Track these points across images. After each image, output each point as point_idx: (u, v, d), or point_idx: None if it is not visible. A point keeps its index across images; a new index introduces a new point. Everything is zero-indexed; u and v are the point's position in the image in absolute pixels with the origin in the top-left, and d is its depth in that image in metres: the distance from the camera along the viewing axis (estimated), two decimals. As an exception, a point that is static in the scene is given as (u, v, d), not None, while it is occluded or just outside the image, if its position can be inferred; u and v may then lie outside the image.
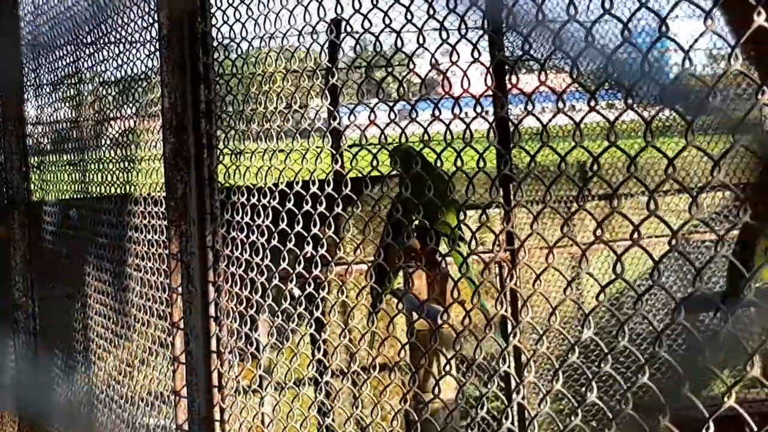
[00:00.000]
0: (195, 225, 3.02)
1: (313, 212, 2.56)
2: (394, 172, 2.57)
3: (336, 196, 2.48)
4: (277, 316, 2.67)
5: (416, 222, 2.36)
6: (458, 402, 2.34)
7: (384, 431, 2.38)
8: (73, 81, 4.93)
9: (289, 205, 2.64)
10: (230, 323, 2.92)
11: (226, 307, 2.94)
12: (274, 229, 2.70)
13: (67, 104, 5.18)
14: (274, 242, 2.69)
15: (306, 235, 2.56)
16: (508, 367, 2.37)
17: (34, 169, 5.67)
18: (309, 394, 2.77)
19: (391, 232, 2.43)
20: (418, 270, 5.42)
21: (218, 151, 3.01)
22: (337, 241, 2.44)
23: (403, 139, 2.34)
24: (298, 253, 2.59)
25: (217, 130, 3.02)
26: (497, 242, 2.23)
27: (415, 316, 5.80)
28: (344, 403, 2.63)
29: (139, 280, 3.65)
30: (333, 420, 2.68)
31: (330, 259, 2.51)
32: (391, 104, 2.27)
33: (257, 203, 2.78)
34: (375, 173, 2.39)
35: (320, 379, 2.64)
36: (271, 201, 2.73)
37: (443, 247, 5.43)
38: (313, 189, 2.58)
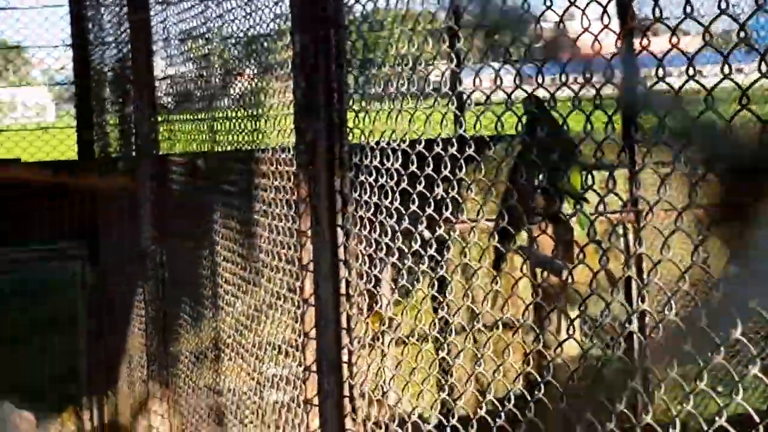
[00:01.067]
0: (324, 169, 3.05)
1: (435, 174, 2.57)
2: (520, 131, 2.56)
3: (459, 156, 2.49)
4: (407, 259, 2.69)
5: (541, 181, 2.35)
6: (582, 362, 2.34)
7: (505, 390, 2.38)
8: (201, 32, 4.99)
9: (419, 148, 2.65)
10: (359, 266, 2.95)
11: (354, 251, 2.97)
12: (403, 172, 2.72)
13: (196, 56, 5.26)
14: (404, 185, 2.71)
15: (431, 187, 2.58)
16: (633, 329, 2.37)
17: (163, 122, 5.77)
18: (431, 350, 2.79)
19: (516, 189, 2.43)
20: (542, 229, 5.42)
21: (348, 96, 3.03)
22: (460, 201, 2.46)
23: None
24: (428, 195, 2.60)
25: (347, 75, 3.04)
26: (623, 204, 2.21)
27: (539, 271, 5.79)
28: (465, 360, 2.65)
29: (267, 226, 3.70)
30: (453, 377, 2.70)
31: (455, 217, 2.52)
32: (517, 67, 2.26)
33: (386, 146, 2.80)
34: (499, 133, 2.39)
35: (440, 337, 2.66)
36: (401, 145, 2.75)
37: (568, 208, 5.41)
38: (437, 149, 2.59)
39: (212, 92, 4.92)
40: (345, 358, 3.01)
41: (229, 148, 4.44)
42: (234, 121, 4.40)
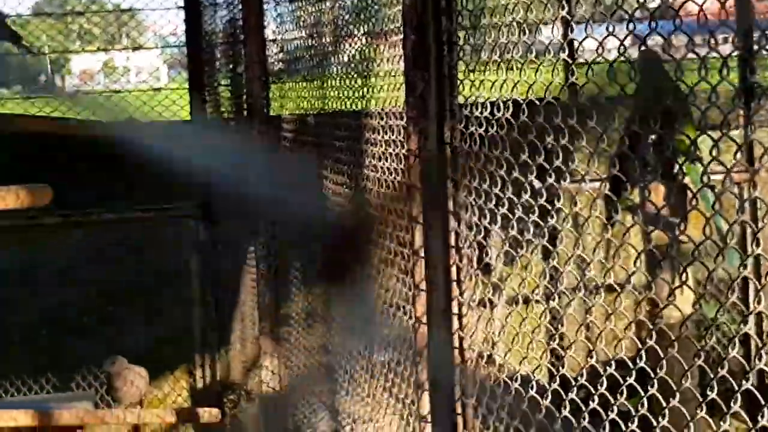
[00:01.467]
0: (434, 122, 3.05)
1: (547, 124, 2.55)
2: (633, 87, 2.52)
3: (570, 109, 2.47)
4: (516, 209, 2.68)
5: (654, 139, 2.33)
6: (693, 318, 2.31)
7: (615, 352, 2.36)
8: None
9: (530, 97, 2.64)
10: (468, 217, 2.95)
11: (464, 202, 2.97)
12: (514, 122, 2.71)
13: (306, 15, 5.28)
14: (514, 134, 2.70)
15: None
16: (746, 289, 2.34)
17: (273, 82, 5.81)
18: (541, 302, 2.78)
19: (628, 142, 2.41)
20: (654, 183, 5.36)
21: (458, 48, 3.02)
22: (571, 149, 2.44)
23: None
24: (538, 144, 2.59)
25: (457, 28, 3.03)
26: (736, 162, 2.17)
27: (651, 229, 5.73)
28: (573, 322, 2.63)
29: (377, 181, 3.72)
30: (562, 338, 2.69)
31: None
32: (630, 27, 2.23)
33: (497, 98, 2.79)
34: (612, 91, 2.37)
35: (548, 298, 2.65)
36: (511, 96, 2.74)
37: (683, 167, 5.34)
38: (548, 98, 2.57)
39: (322, 51, 4.95)
40: (455, 309, 3.02)
41: (339, 106, 4.46)
42: (344, 77, 4.42)
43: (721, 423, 2.02)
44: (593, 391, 2.37)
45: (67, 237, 8.72)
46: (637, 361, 2.25)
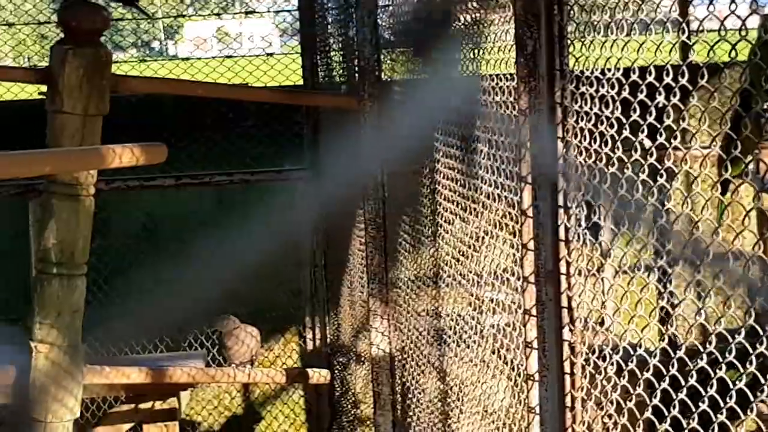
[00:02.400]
0: (544, 81, 3.05)
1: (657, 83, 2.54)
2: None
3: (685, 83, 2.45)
4: (627, 168, 2.68)
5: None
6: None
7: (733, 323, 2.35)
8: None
9: (641, 57, 2.63)
10: (578, 177, 2.95)
11: (573, 162, 2.97)
12: (624, 82, 2.70)
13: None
14: (625, 94, 2.69)
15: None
16: None
17: (385, 47, 5.83)
18: (650, 262, 2.76)
19: (743, 110, 2.38)
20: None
21: (569, 8, 3.01)
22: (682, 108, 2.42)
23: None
24: (649, 103, 2.57)
25: (567, -14, 3.02)
26: None
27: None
28: (686, 293, 2.62)
29: (487, 141, 3.72)
30: (674, 307, 2.68)
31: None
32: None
33: (608, 57, 2.78)
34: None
35: (658, 246, 2.63)
36: (622, 55, 2.72)
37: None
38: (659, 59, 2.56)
39: (431, 16, 4.95)
40: (563, 269, 3.02)
41: (450, 70, 4.46)
42: (455, 41, 4.42)
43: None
44: (701, 350, 2.37)
45: (181, 198, 8.87)
46: (746, 319, 2.24)
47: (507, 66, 3.50)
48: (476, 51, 3.98)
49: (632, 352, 2.71)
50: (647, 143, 2.58)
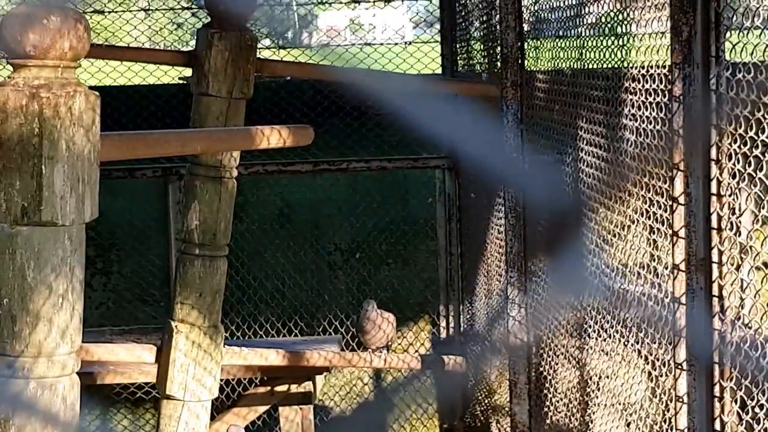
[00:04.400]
0: (699, 68, 3.01)
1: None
2: None
3: None
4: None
5: None
6: None
7: None
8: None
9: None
10: (732, 165, 2.91)
11: (728, 150, 2.92)
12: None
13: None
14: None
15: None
16: None
17: (528, 36, 5.81)
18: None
19: None
20: None
21: (726, -6, 2.97)
22: None
23: None
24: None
25: (725, -28, 2.98)
26: None
27: None
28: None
29: (635, 130, 3.68)
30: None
31: None
32: None
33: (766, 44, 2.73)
34: None
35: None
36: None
37: None
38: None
39: (579, 5, 4.91)
40: (715, 257, 2.98)
41: (597, 60, 4.43)
42: (604, 27, 4.39)
43: None
44: None
45: (318, 184, 8.94)
46: None
47: (658, 54, 3.46)
48: (625, 40, 3.94)
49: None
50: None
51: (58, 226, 3.02)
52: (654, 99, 3.43)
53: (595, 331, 4.37)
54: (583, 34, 4.69)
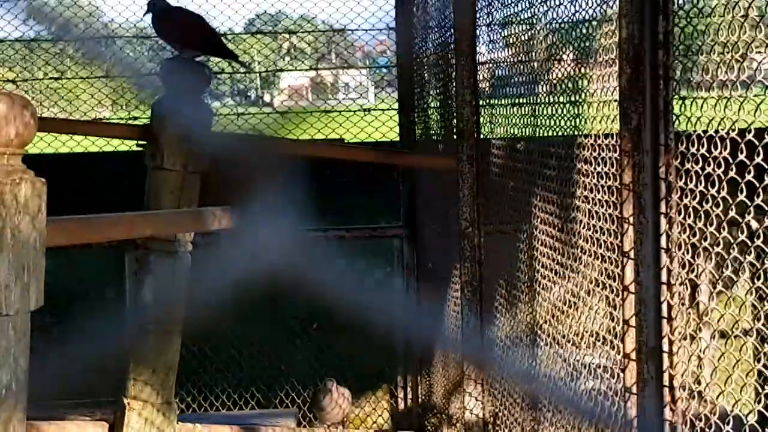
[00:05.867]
0: (648, 156, 3.02)
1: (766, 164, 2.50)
2: None
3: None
4: (732, 249, 2.63)
5: None
6: None
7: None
8: (525, 16, 5.00)
9: (749, 137, 2.58)
10: (682, 255, 2.90)
11: (677, 239, 2.92)
12: (731, 161, 2.65)
13: (518, 41, 5.27)
14: (732, 174, 2.64)
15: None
16: None
17: (484, 106, 5.82)
18: (755, 344, 2.71)
19: None
20: None
21: (674, 83, 2.98)
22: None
23: None
24: (757, 185, 2.53)
25: (674, 62, 2.99)
26: None
27: None
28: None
29: (587, 212, 3.68)
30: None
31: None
32: None
33: (714, 134, 2.74)
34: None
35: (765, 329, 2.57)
36: (729, 134, 2.68)
37: None
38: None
39: (533, 77, 4.93)
40: (665, 347, 2.97)
41: (549, 133, 4.44)
42: (555, 106, 4.40)
43: None
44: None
45: (275, 253, 8.90)
46: None
47: (611, 131, 3.46)
48: (577, 118, 3.95)
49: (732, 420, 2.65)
50: (754, 225, 2.53)
51: (2, 316, 2.97)
52: (605, 182, 3.44)
53: (548, 408, 4.35)
54: (536, 113, 4.71)
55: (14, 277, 2.98)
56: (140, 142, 6.87)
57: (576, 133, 4.01)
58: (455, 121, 6.07)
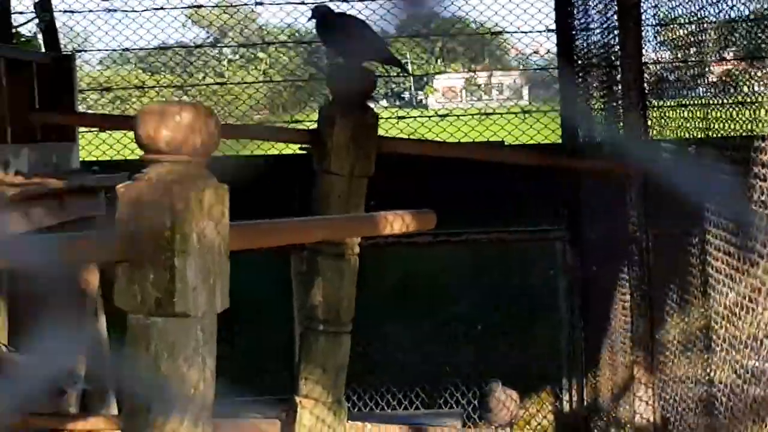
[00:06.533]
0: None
1: None
2: None
3: None
4: None
5: None
6: None
7: None
8: (691, 17, 4.95)
9: None
10: None
11: None
12: None
13: (687, 41, 5.22)
14: None
15: None
16: None
17: (652, 107, 5.77)
18: None
19: None
20: None
21: None
22: None
23: None
24: None
25: None
26: None
27: None
28: None
29: (766, 216, 3.63)
30: None
31: None
32: None
33: None
34: None
35: None
36: None
37: None
38: None
39: (704, 78, 4.88)
40: None
41: (722, 134, 4.39)
42: (728, 107, 4.35)
43: None
44: None
45: (437, 254, 8.96)
46: None
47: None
48: (753, 123, 3.90)
49: None
50: None
51: (191, 318, 3.06)
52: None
53: (727, 410, 4.29)
54: (708, 115, 4.65)
55: (201, 280, 3.07)
56: (304, 146, 6.99)
57: (752, 134, 3.95)
58: (621, 123, 6.02)
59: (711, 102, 4.71)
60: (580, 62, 8.12)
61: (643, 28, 5.89)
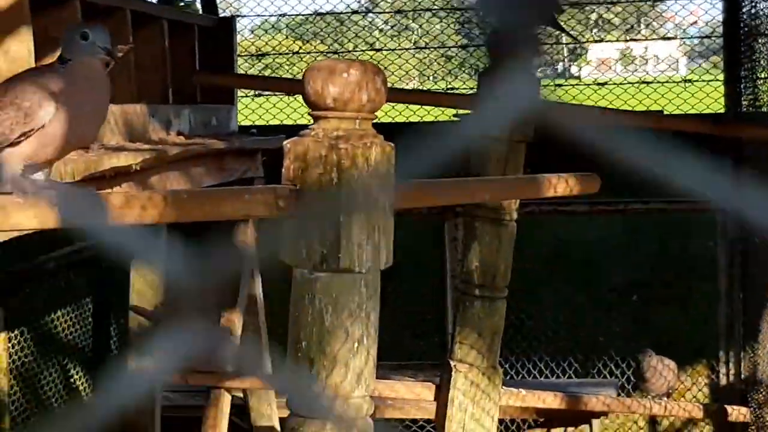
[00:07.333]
0: None
1: None
2: None
3: None
4: None
5: None
6: None
7: None
8: None
9: None
10: None
11: None
12: None
13: None
14: None
15: None
16: None
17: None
18: None
19: None
20: None
21: None
22: None
23: None
24: None
25: None
26: None
27: None
28: None
29: None
30: None
31: None
32: None
33: None
34: None
35: None
36: None
37: None
38: None
39: None
40: None
41: None
42: None
43: None
44: None
45: (593, 223, 8.88)
46: None
47: None
48: None
49: None
50: None
51: (355, 274, 3.09)
52: None
53: None
54: None
55: (366, 236, 3.09)
56: (460, 112, 6.98)
57: None
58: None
59: None
60: (746, 30, 7.93)
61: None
